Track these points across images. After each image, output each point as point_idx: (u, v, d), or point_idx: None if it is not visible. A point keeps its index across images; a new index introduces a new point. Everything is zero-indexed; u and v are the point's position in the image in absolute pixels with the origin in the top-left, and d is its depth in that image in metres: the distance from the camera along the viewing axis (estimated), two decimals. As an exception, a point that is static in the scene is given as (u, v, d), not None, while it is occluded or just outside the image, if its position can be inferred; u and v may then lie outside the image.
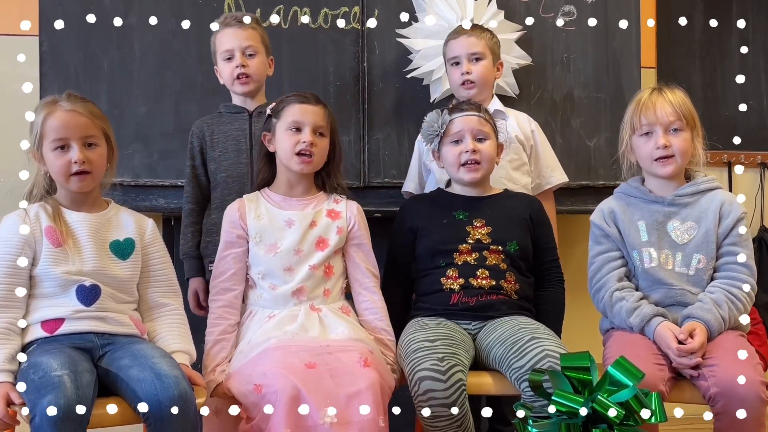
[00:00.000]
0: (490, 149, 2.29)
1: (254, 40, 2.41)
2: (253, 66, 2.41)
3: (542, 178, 2.62)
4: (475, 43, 2.52)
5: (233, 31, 2.40)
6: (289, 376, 1.88)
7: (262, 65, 2.44)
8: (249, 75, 2.41)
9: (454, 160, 2.29)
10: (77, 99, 2.00)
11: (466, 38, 2.53)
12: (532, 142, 2.61)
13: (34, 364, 1.78)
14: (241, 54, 2.39)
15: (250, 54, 2.41)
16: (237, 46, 2.39)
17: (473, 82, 2.52)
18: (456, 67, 2.55)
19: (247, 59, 2.40)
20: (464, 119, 2.30)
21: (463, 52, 2.52)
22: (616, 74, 2.92)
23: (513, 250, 2.26)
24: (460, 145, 2.28)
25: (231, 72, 2.41)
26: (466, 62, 2.52)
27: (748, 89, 3.36)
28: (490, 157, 2.29)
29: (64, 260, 1.92)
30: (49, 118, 1.95)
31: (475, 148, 2.26)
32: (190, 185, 2.45)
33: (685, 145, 2.15)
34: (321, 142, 2.19)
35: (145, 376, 1.79)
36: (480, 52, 2.52)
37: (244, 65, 2.39)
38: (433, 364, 1.97)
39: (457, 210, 2.32)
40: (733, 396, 1.89)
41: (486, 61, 2.53)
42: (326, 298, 2.18)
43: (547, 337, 2.04)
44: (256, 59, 2.42)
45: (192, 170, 2.45)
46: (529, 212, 2.34)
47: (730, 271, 2.11)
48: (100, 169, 2.00)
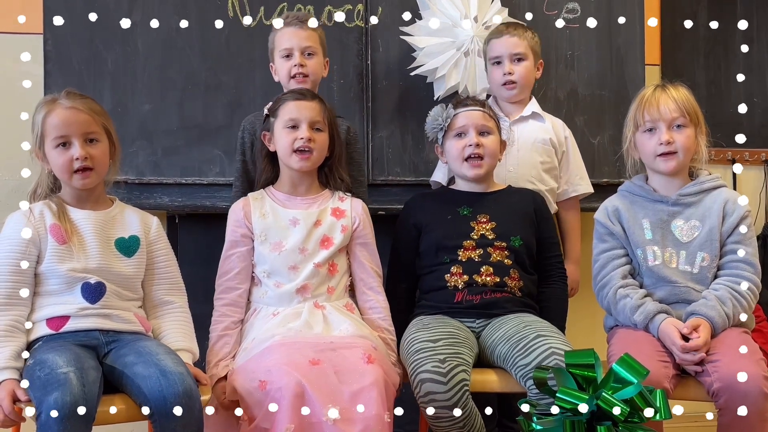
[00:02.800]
0: (493, 144, 2.30)
1: (314, 41, 2.42)
2: (311, 66, 2.42)
3: (569, 185, 2.63)
4: (518, 43, 2.51)
5: (294, 30, 2.41)
6: (293, 373, 1.88)
7: (319, 66, 2.45)
8: (306, 75, 2.41)
9: (458, 154, 2.29)
10: (76, 96, 2.00)
11: (508, 38, 2.52)
12: (564, 148, 2.62)
13: (39, 361, 1.78)
14: (300, 54, 2.40)
15: (309, 53, 2.42)
16: (296, 46, 2.40)
17: (515, 82, 2.52)
18: (497, 67, 2.54)
19: (305, 59, 2.41)
20: (468, 114, 2.30)
21: (505, 52, 2.51)
22: (620, 72, 2.91)
23: (517, 245, 2.27)
24: (463, 139, 2.29)
25: (288, 70, 2.41)
26: (508, 62, 2.51)
27: (753, 87, 3.35)
28: (493, 152, 2.30)
29: (69, 257, 1.93)
30: (49, 116, 1.95)
31: (479, 142, 2.27)
32: (239, 180, 2.44)
33: (688, 142, 2.15)
34: (319, 137, 2.19)
35: (150, 373, 1.80)
36: (522, 52, 2.52)
37: (302, 65, 2.40)
38: (435, 366, 1.97)
39: (462, 206, 2.32)
40: (735, 391, 1.89)
41: (528, 62, 2.53)
42: (330, 296, 2.18)
43: (552, 335, 2.04)
44: (314, 59, 2.43)
45: (242, 165, 2.44)
46: (533, 207, 2.34)
47: (735, 268, 2.11)
48: (102, 165, 2.00)
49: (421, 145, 2.74)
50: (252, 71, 2.72)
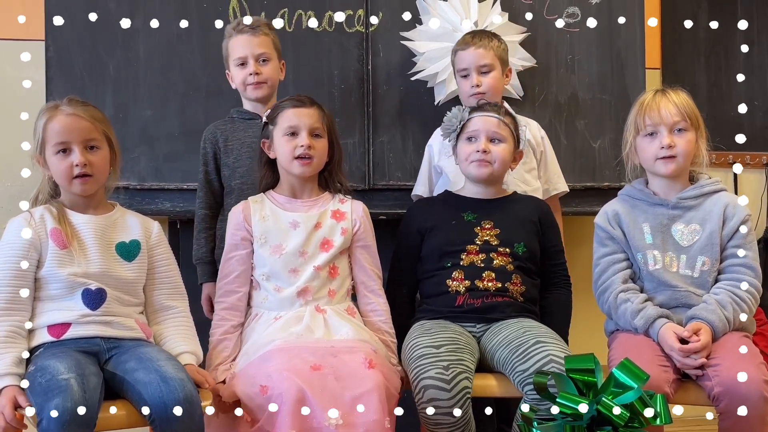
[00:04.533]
0: (503, 152, 2.28)
1: (267, 47, 2.42)
2: (267, 72, 2.41)
3: (549, 184, 2.63)
4: (484, 54, 2.50)
5: (246, 38, 2.40)
6: (294, 378, 1.88)
7: (275, 71, 2.45)
8: (262, 82, 2.41)
9: (466, 157, 2.30)
10: (78, 103, 2.01)
11: (474, 50, 2.50)
12: (542, 148, 2.61)
13: (41, 367, 1.78)
14: (255, 61, 2.40)
15: (264, 60, 2.41)
16: (250, 53, 2.39)
17: (483, 93, 2.51)
18: (466, 79, 2.53)
19: (260, 66, 2.40)
20: (482, 119, 2.30)
21: (472, 64, 2.50)
22: (621, 75, 2.91)
23: (521, 252, 2.26)
24: (473, 144, 2.29)
25: (244, 78, 2.41)
26: (476, 75, 2.50)
27: (754, 89, 3.35)
28: (502, 159, 2.29)
29: (69, 262, 1.93)
30: (50, 123, 1.96)
31: (486, 149, 2.26)
32: (203, 191, 2.45)
33: (688, 146, 2.15)
34: (318, 143, 2.19)
35: (151, 379, 1.80)
36: (489, 63, 2.50)
37: (257, 72, 2.40)
38: (438, 373, 1.97)
39: (466, 211, 2.32)
40: (736, 395, 1.89)
41: (495, 72, 2.52)
42: (331, 299, 2.18)
43: (551, 342, 2.04)
44: (269, 65, 2.42)
45: (205, 176, 2.45)
46: (538, 215, 2.34)
47: (735, 272, 2.11)
48: (102, 172, 2.01)
49: (421, 149, 2.74)
50: (253, 77, 2.72)
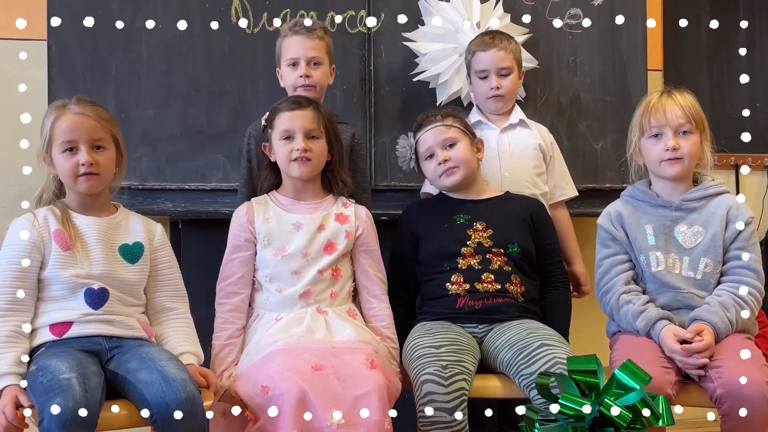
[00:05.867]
0: (462, 152, 2.29)
1: (320, 51, 2.41)
2: (317, 77, 2.41)
3: (557, 188, 2.62)
4: (504, 57, 2.49)
5: (301, 39, 2.40)
6: (295, 379, 1.88)
7: (325, 75, 2.44)
8: (312, 85, 2.40)
9: (433, 175, 2.32)
10: (86, 102, 2.01)
11: (495, 52, 2.48)
12: (551, 153, 2.61)
13: (42, 367, 1.78)
14: (306, 64, 2.39)
15: (315, 63, 2.41)
16: (303, 56, 2.39)
17: (502, 95, 2.51)
18: (484, 81, 2.52)
19: (311, 69, 2.40)
20: (429, 134, 2.31)
21: (492, 66, 2.49)
22: (623, 77, 2.91)
23: (515, 253, 2.26)
24: (433, 160, 2.30)
25: (294, 80, 2.40)
26: (495, 77, 2.49)
27: (756, 91, 3.34)
28: (464, 159, 2.29)
29: (72, 263, 1.93)
30: (58, 121, 1.96)
31: (445, 158, 2.27)
32: (245, 187, 2.44)
33: (693, 149, 2.15)
34: (315, 144, 2.19)
35: (153, 379, 1.80)
36: (509, 66, 2.50)
37: (308, 75, 2.39)
38: (437, 370, 1.98)
39: (458, 214, 2.32)
40: (738, 397, 1.89)
41: (514, 75, 2.52)
42: (333, 301, 2.18)
43: (557, 344, 2.04)
44: (320, 69, 2.42)
45: (248, 172, 2.44)
46: (530, 213, 2.34)
47: (738, 274, 2.10)
48: (107, 171, 2.01)
49: (423, 150, 2.74)
50: (255, 77, 2.72)
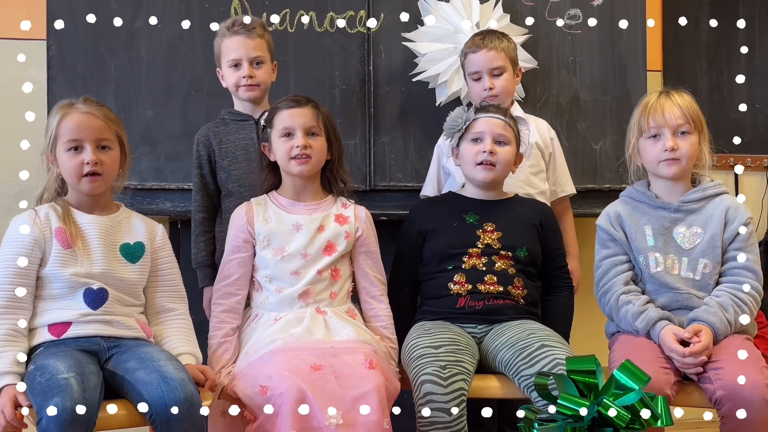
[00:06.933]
0: (507, 155, 2.28)
1: (262, 50, 2.39)
2: (260, 76, 2.40)
3: (558, 185, 2.61)
4: (496, 57, 2.47)
5: (241, 40, 2.37)
6: (294, 378, 1.88)
7: (268, 73, 2.43)
8: (256, 84, 2.39)
9: (471, 158, 2.28)
10: (93, 102, 2.02)
11: (486, 53, 2.48)
12: (551, 149, 2.60)
13: (40, 366, 1.78)
14: (249, 64, 2.38)
15: (258, 62, 2.39)
16: (245, 56, 2.37)
17: (496, 95, 2.49)
18: (477, 82, 2.51)
19: (254, 69, 2.38)
20: (488, 120, 2.29)
21: (485, 67, 2.48)
22: (622, 77, 2.91)
23: (523, 256, 2.26)
24: (478, 145, 2.27)
25: (237, 80, 2.39)
26: (488, 78, 2.48)
27: (756, 91, 3.34)
28: (506, 162, 2.28)
29: (73, 262, 1.93)
30: (64, 120, 1.96)
31: (493, 150, 2.26)
32: (199, 194, 2.43)
33: (692, 149, 2.15)
34: (315, 142, 2.19)
35: (152, 379, 1.80)
36: (501, 66, 2.48)
37: (251, 75, 2.38)
38: (436, 371, 1.98)
39: (468, 213, 2.31)
40: (738, 398, 1.89)
41: (507, 74, 2.50)
42: (332, 301, 2.18)
43: (557, 345, 2.04)
44: (263, 68, 2.40)
45: (200, 179, 2.43)
46: (540, 219, 2.33)
47: (736, 275, 2.11)
48: (111, 171, 2.01)
49: (423, 150, 2.74)
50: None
